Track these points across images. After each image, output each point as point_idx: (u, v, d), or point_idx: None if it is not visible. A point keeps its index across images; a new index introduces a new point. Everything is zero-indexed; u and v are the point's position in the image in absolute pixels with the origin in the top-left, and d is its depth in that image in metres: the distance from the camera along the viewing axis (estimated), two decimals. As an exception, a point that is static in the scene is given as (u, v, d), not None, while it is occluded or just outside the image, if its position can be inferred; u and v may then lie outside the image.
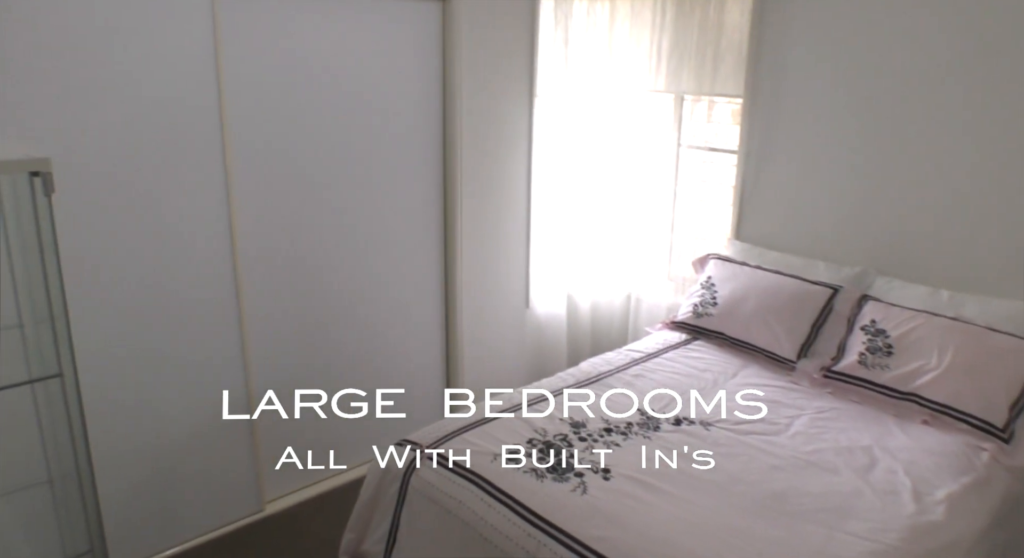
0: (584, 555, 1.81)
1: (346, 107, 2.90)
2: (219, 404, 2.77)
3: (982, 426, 2.39)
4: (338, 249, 3.01)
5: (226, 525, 2.88)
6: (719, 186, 3.71)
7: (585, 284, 4.01)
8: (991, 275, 2.78)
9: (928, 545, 1.91)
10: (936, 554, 1.90)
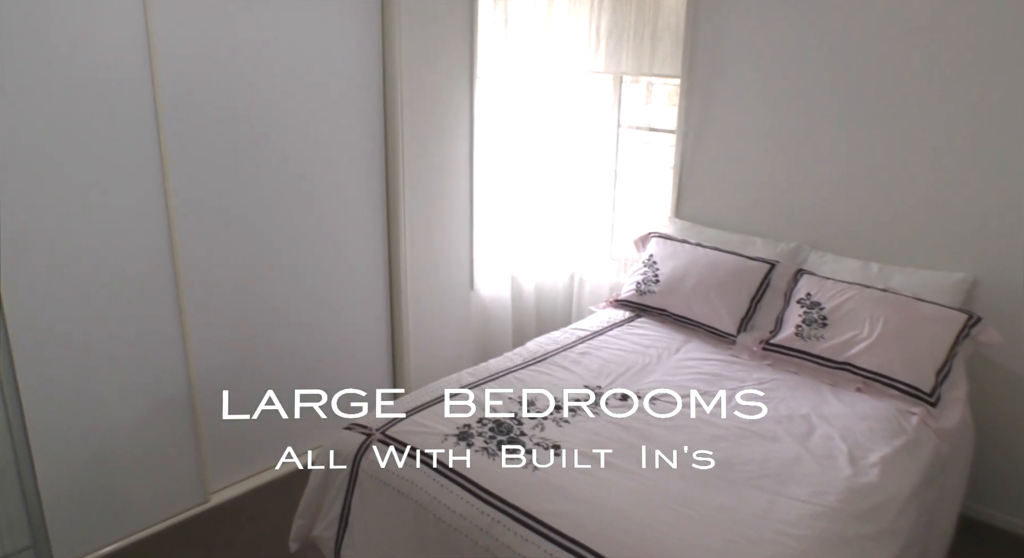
0: (538, 530, 1.83)
1: (283, 88, 2.84)
2: (160, 395, 2.70)
3: (911, 392, 2.51)
4: (279, 233, 2.95)
5: (171, 517, 2.82)
6: (659, 166, 3.77)
7: (529, 265, 4.03)
8: (917, 248, 2.91)
9: (864, 505, 2.00)
10: (871, 513, 1.99)
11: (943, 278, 2.77)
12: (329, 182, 3.08)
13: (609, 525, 1.82)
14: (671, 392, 2.55)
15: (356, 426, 2.33)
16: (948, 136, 2.77)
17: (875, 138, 2.94)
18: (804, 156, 3.14)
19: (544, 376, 2.64)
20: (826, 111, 3.04)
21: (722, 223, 3.43)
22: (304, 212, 3.02)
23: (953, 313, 2.61)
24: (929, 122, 2.80)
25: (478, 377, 2.61)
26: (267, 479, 3.10)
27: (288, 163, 2.92)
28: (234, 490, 3.01)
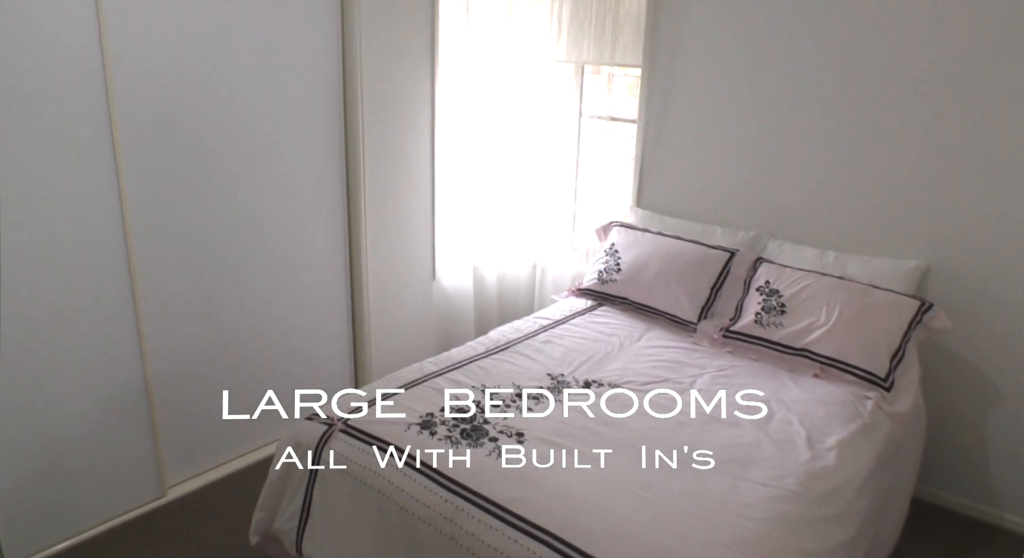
0: (501, 517, 1.83)
1: (240, 82, 2.77)
2: (114, 391, 2.63)
3: (866, 377, 2.56)
4: (236, 227, 2.89)
5: (126, 513, 2.76)
6: (620, 156, 3.79)
7: (491, 256, 4.02)
8: (872, 236, 2.96)
9: (822, 488, 2.03)
10: (829, 496, 2.03)
11: (897, 266, 2.83)
12: (288, 175, 3.03)
13: (572, 511, 1.83)
14: (633, 379, 2.57)
15: (317, 417, 2.30)
16: (904, 129, 2.82)
17: (833, 129, 2.98)
18: (763, 146, 3.18)
19: (507, 365, 2.63)
20: (785, 102, 3.08)
21: (683, 212, 3.46)
22: (262, 206, 2.96)
23: (906, 300, 2.67)
24: (886, 115, 2.86)
25: (440, 366, 2.60)
26: (226, 472, 3.05)
27: (245, 156, 2.86)
28: (192, 484, 2.96)
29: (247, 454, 3.16)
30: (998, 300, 2.74)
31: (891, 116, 2.84)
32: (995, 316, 2.76)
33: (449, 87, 3.56)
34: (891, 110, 2.84)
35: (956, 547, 2.78)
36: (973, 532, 2.88)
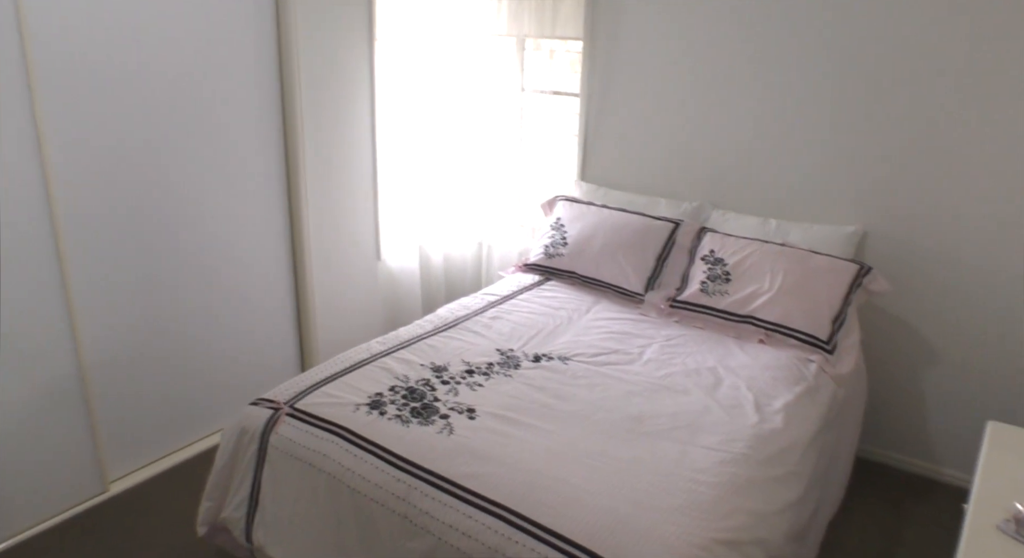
0: (455, 493, 1.81)
1: (172, 55, 2.65)
2: (47, 383, 2.51)
3: (810, 340, 2.61)
4: (171, 209, 2.78)
5: (66, 510, 2.65)
6: (564, 130, 3.77)
7: (436, 235, 3.97)
8: (811, 203, 3.01)
9: (770, 450, 2.07)
10: (777, 457, 2.07)
11: (836, 231, 2.88)
12: (224, 155, 2.92)
13: (526, 484, 1.82)
14: (582, 352, 2.57)
15: (263, 401, 2.24)
16: (840, 99, 2.87)
17: (771, 100, 3.01)
18: (704, 118, 3.19)
19: (456, 342, 2.61)
20: (725, 74, 3.10)
21: (627, 185, 3.47)
22: (198, 187, 2.85)
23: (846, 264, 2.72)
24: (822, 85, 2.89)
25: (388, 346, 2.56)
26: (171, 464, 2.96)
27: (178, 135, 2.74)
28: (135, 478, 2.86)
29: (192, 444, 3.07)
30: (933, 262, 2.82)
31: (828, 87, 2.88)
32: (930, 278, 2.84)
33: (388, 62, 3.48)
34: (828, 81, 2.87)
35: (898, 502, 2.87)
36: (914, 487, 2.98)
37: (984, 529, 1.57)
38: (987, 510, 1.63)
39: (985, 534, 1.56)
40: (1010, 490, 1.67)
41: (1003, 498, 1.65)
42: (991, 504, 1.64)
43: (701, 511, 1.76)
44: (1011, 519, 1.58)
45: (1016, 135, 2.57)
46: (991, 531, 1.57)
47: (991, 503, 1.65)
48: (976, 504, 1.65)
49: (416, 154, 3.75)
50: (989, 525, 1.58)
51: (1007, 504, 1.62)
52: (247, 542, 2.18)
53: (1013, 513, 1.60)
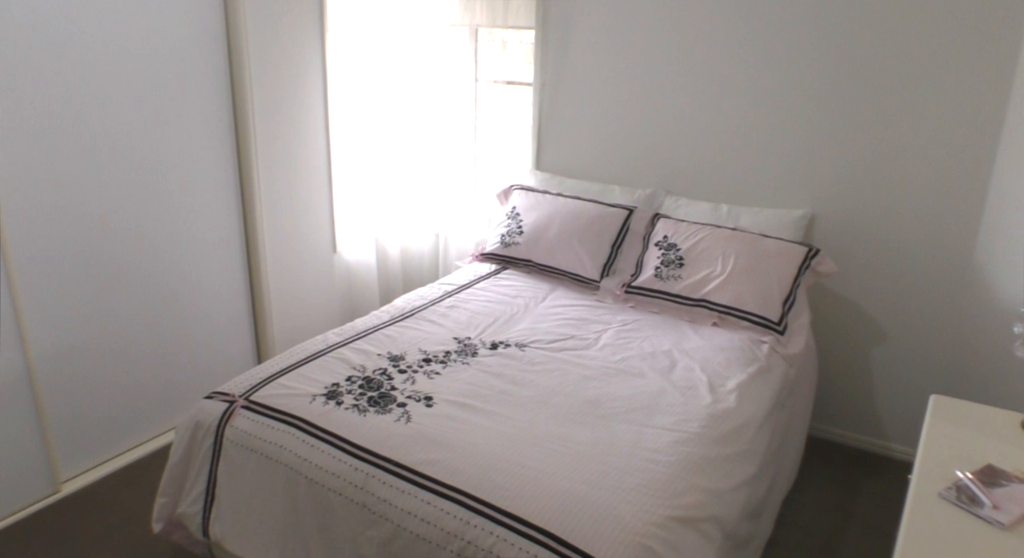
0: (413, 480, 1.81)
1: (117, 48, 2.58)
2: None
3: (761, 322, 2.66)
4: (121, 202, 2.72)
5: (16, 512, 2.58)
6: (518, 119, 3.77)
7: (392, 228, 3.94)
8: (761, 188, 3.07)
9: (724, 429, 2.11)
10: (731, 436, 2.11)
11: (785, 215, 2.94)
12: (173, 147, 2.86)
13: (484, 468, 1.83)
14: (539, 338, 2.59)
15: (217, 394, 2.21)
16: (789, 87, 2.92)
17: (722, 88, 3.06)
18: (657, 106, 3.23)
19: (413, 331, 2.60)
20: (676, 63, 3.13)
21: (582, 173, 3.49)
22: (146, 178, 2.79)
23: (795, 247, 2.78)
24: (772, 74, 2.94)
25: (345, 336, 2.54)
26: (124, 463, 2.90)
27: (126, 128, 2.68)
28: (88, 477, 2.80)
29: (146, 442, 3.01)
30: (878, 245, 2.89)
31: (778, 76, 2.93)
32: (876, 260, 2.91)
33: (341, 54, 3.44)
34: (778, 71, 2.93)
35: (850, 478, 2.95)
36: (865, 463, 3.06)
37: (927, 497, 1.62)
38: (930, 479, 1.68)
39: (928, 502, 1.61)
40: (952, 459, 1.73)
41: (945, 467, 1.70)
42: (934, 473, 1.69)
43: (657, 490, 1.79)
44: (953, 487, 1.64)
45: (956, 127, 2.65)
46: (934, 499, 1.62)
47: (934, 472, 1.70)
48: (920, 474, 1.71)
49: (371, 147, 3.72)
50: (932, 493, 1.63)
51: (949, 473, 1.68)
52: (204, 537, 2.15)
53: (955, 481, 1.65)
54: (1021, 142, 2.48)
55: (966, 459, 1.73)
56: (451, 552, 1.70)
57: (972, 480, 1.64)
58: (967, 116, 2.63)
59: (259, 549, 2.02)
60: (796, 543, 2.56)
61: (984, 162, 2.64)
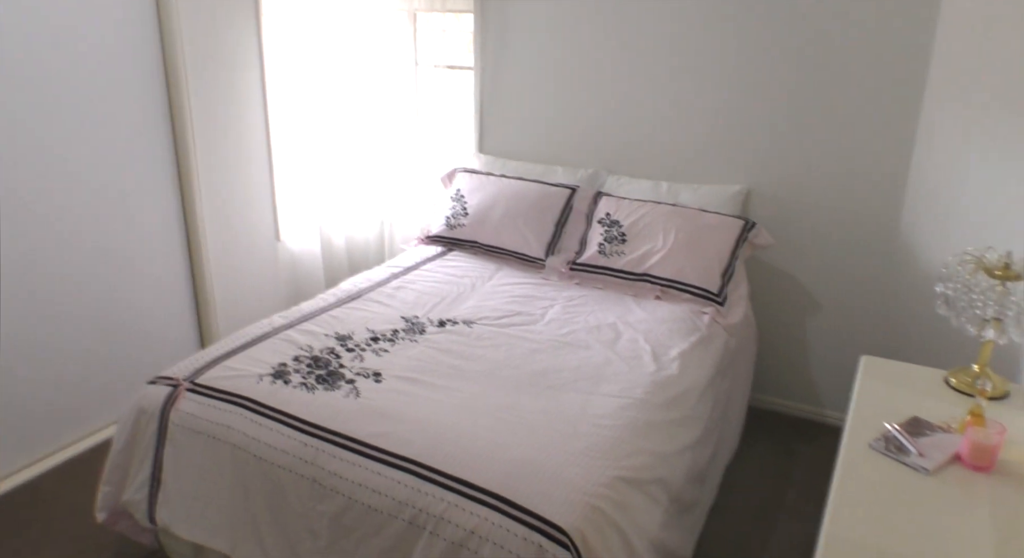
0: (364, 452, 1.82)
1: (45, 44, 2.51)
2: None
3: (702, 294, 2.74)
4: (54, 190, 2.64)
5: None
6: (460, 103, 3.78)
7: (337, 216, 3.91)
8: (700, 165, 3.15)
9: (667, 395, 2.17)
10: (674, 402, 2.17)
11: (723, 191, 3.02)
12: (106, 139, 2.78)
13: (435, 438, 1.85)
14: (487, 315, 2.61)
15: (161, 379, 2.18)
16: (723, 65, 2.99)
17: (659, 69, 3.12)
18: (596, 87, 3.27)
19: (360, 312, 2.60)
20: (614, 45, 3.18)
21: (525, 155, 3.52)
22: (79, 174, 2.71)
23: (733, 220, 2.86)
24: (706, 52, 3.01)
25: (291, 319, 2.53)
26: (66, 457, 2.83)
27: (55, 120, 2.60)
28: (28, 473, 2.72)
29: (89, 436, 2.94)
30: (811, 216, 3.00)
31: (711, 56, 3.00)
32: (809, 231, 3.02)
33: (278, 38, 3.39)
34: (711, 51, 3.00)
35: (788, 444, 3.06)
36: (802, 430, 3.18)
37: (858, 448, 1.70)
38: (861, 432, 1.76)
39: (859, 452, 1.69)
40: (881, 414, 1.81)
41: (875, 421, 1.79)
42: (864, 427, 1.78)
43: (603, 452, 1.84)
44: (881, 438, 1.72)
45: (880, 98, 2.76)
46: (864, 449, 1.70)
47: (864, 426, 1.78)
48: (851, 427, 1.79)
49: (312, 135, 3.67)
50: (862, 444, 1.71)
51: (878, 426, 1.76)
52: (151, 523, 2.12)
53: (883, 432, 1.74)
54: (940, 112, 2.60)
55: (894, 413, 1.82)
56: (403, 521, 1.71)
57: (899, 431, 1.73)
58: (890, 87, 2.74)
59: (208, 531, 2.00)
60: (739, 507, 2.65)
61: (907, 132, 2.76)
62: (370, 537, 1.76)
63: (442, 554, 1.66)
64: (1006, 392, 1.93)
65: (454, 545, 1.65)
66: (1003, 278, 1.83)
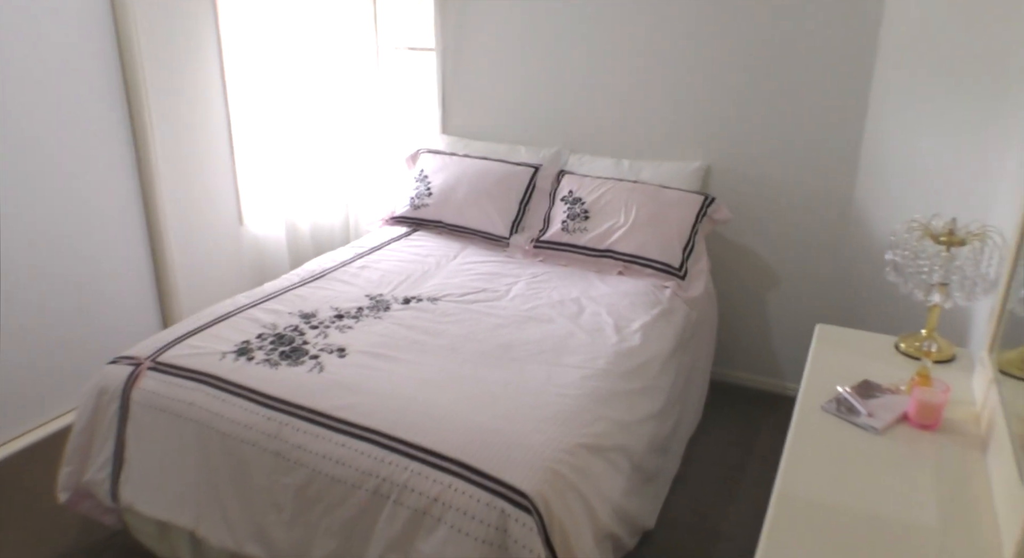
0: (328, 425, 1.84)
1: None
2: None
3: (663, 268, 2.78)
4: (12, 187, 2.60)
5: (-95, 498, 2.47)
6: (424, 85, 3.76)
7: (302, 199, 3.87)
8: (660, 143, 3.18)
9: (629, 365, 2.21)
10: (636, 372, 2.21)
11: (683, 167, 3.06)
12: (61, 123, 2.74)
13: (398, 409, 1.87)
14: (451, 292, 2.63)
15: (123, 358, 2.16)
16: (683, 45, 3.03)
17: (619, 48, 3.14)
18: (557, 67, 3.29)
19: (324, 291, 2.60)
20: (574, 25, 3.20)
21: (488, 135, 3.53)
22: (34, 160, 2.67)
23: (692, 196, 2.91)
24: (665, 33, 3.04)
25: (255, 298, 2.52)
26: (26, 443, 2.80)
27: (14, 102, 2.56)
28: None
29: (50, 422, 2.91)
30: (768, 191, 3.05)
31: (670, 35, 3.03)
32: (767, 205, 3.07)
33: (236, 21, 3.34)
34: (670, 29, 3.03)
35: (750, 416, 3.12)
36: (763, 402, 3.25)
37: (811, 411, 1.75)
38: (814, 395, 1.81)
39: (811, 414, 1.74)
40: (834, 378, 1.86)
41: (828, 385, 1.84)
42: (817, 390, 1.83)
43: (565, 420, 1.87)
44: (833, 400, 1.77)
45: (831, 72, 2.82)
46: (817, 412, 1.75)
47: (817, 390, 1.83)
48: (804, 391, 1.84)
49: (275, 121, 3.62)
50: (815, 407, 1.76)
51: (831, 390, 1.82)
52: (113, 502, 2.11)
53: (835, 395, 1.79)
54: (890, 85, 2.67)
55: (846, 377, 1.87)
56: (366, 491, 1.73)
57: (850, 393, 1.78)
58: (840, 61, 2.79)
59: (172, 507, 2.00)
60: (701, 477, 2.71)
61: (859, 104, 2.81)
62: (334, 508, 1.78)
63: (406, 522, 1.69)
64: (952, 356, 1.99)
65: (417, 512, 1.67)
66: (948, 243, 1.89)
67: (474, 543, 1.61)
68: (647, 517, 2.23)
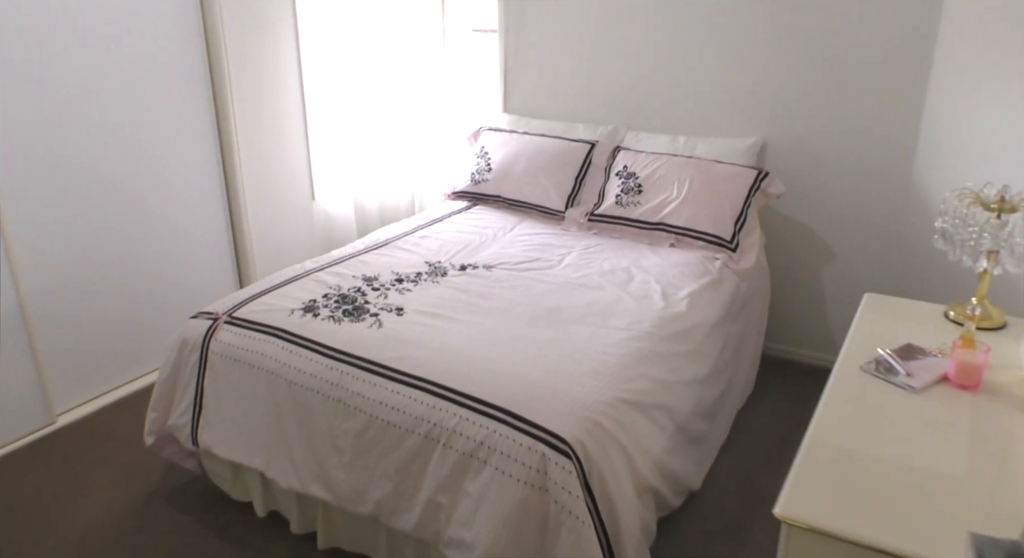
0: (384, 374, 1.97)
1: (92, 17, 2.68)
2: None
3: (715, 241, 2.82)
4: (103, 145, 2.83)
5: (13, 441, 2.73)
6: (487, 65, 3.87)
7: (369, 179, 4.02)
8: (716, 120, 3.21)
9: (673, 329, 2.27)
10: (681, 336, 2.27)
11: (738, 143, 3.08)
12: (152, 103, 2.98)
13: (449, 362, 1.98)
14: (506, 261, 2.73)
15: (203, 313, 2.35)
16: (737, 21, 3.04)
17: (678, 26, 3.18)
18: (616, 46, 3.35)
19: (386, 258, 2.74)
20: (632, 2, 3.24)
21: (547, 113, 3.61)
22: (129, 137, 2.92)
23: (746, 170, 2.93)
24: (725, 9, 3.06)
25: (322, 263, 2.68)
26: (118, 397, 3.04)
27: (106, 84, 2.79)
28: (83, 410, 2.94)
29: (138, 379, 3.15)
30: (826, 167, 3.05)
31: (728, 12, 3.05)
32: (824, 182, 3.07)
33: (312, 6, 3.51)
34: (732, 7, 3.05)
35: (803, 391, 3.13)
36: (815, 377, 3.23)
37: (849, 371, 1.79)
38: (854, 357, 1.84)
39: (849, 374, 1.78)
40: (876, 342, 1.89)
41: (870, 347, 1.86)
42: (859, 352, 1.86)
43: (607, 375, 1.95)
44: (873, 361, 1.80)
45: (892, 51, 2.79)
46: (855, 372, 1.78)
47: (859, 352, 1.86)
48: (846, 353, 1.87)
49: (346, 102, 3.78)
50: (854, 368, 1.80)
51: (872, 351, 1.84)
52: (193, 445, 2.30)
53: (875, 356, 1.82)
54: (950, 66, 2.63)
55: (889, 341, 1.89)
56: (419, 434, 1.86)
57: (890, 354, 1.81)
58: (902, 40, 2.77)
59: (245, 450, 2.17)
60: (750, 446, 2.74)
61: (919, 81, 2.78)
62: (389, 451, 1.91)
63: (454, 464, 1.80)
64: (1003, 323, 1.99)
65: (465, 455, 1.79)
66: (998, 210, 1.89)
67: (517, 484, 1.72)
68: (693, 478, 2.29)
